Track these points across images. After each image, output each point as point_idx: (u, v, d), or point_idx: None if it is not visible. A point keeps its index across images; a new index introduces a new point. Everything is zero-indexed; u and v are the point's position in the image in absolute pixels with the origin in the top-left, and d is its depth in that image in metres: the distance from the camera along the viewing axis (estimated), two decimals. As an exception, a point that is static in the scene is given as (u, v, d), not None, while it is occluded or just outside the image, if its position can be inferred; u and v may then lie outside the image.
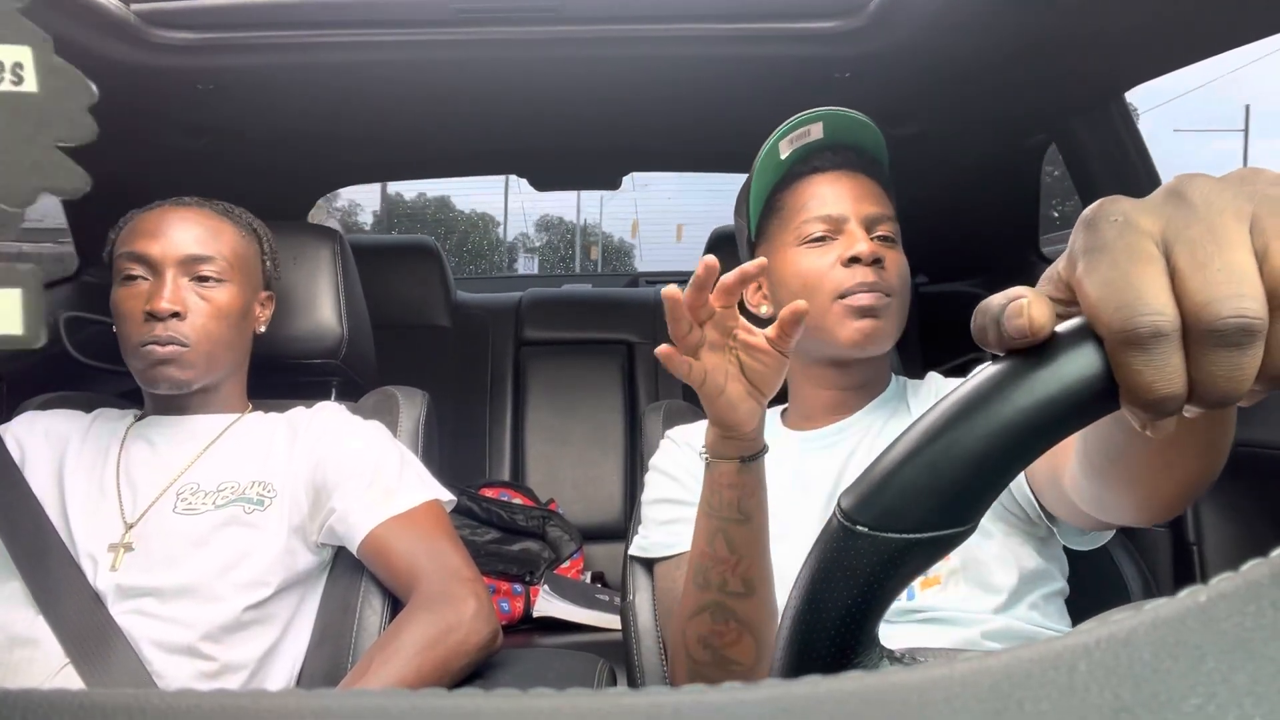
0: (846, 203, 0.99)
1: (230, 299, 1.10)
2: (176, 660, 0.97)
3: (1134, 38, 1.11)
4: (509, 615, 1.71)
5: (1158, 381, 0.30)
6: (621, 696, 0.16)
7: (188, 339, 1.06)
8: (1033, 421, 0.33)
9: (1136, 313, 0.30)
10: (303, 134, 1.62)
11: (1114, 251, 0.31)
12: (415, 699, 0.17)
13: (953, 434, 0.34)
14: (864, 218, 0.98)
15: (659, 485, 1.05)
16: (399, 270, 2.18)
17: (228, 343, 1.11)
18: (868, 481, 0.37)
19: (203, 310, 1.07)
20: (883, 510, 0.36)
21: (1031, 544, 0.92)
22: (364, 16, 1.18)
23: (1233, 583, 0.17)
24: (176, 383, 1.07)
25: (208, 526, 1.03)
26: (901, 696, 0.16)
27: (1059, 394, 0.32)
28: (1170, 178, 0.33)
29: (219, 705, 0.17)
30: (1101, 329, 0.31)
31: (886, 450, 0.37)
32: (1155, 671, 0.15)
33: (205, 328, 1.07)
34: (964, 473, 0.34)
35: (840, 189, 0.99)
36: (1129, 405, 0.32)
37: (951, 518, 0.35)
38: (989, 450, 0.33)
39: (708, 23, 1.18)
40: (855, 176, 1.01)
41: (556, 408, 2.12)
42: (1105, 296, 0.31)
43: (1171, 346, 0.30)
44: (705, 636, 0.82)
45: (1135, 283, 0.30)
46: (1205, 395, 0.30)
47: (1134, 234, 0.31)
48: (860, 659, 0.39)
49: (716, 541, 0.80)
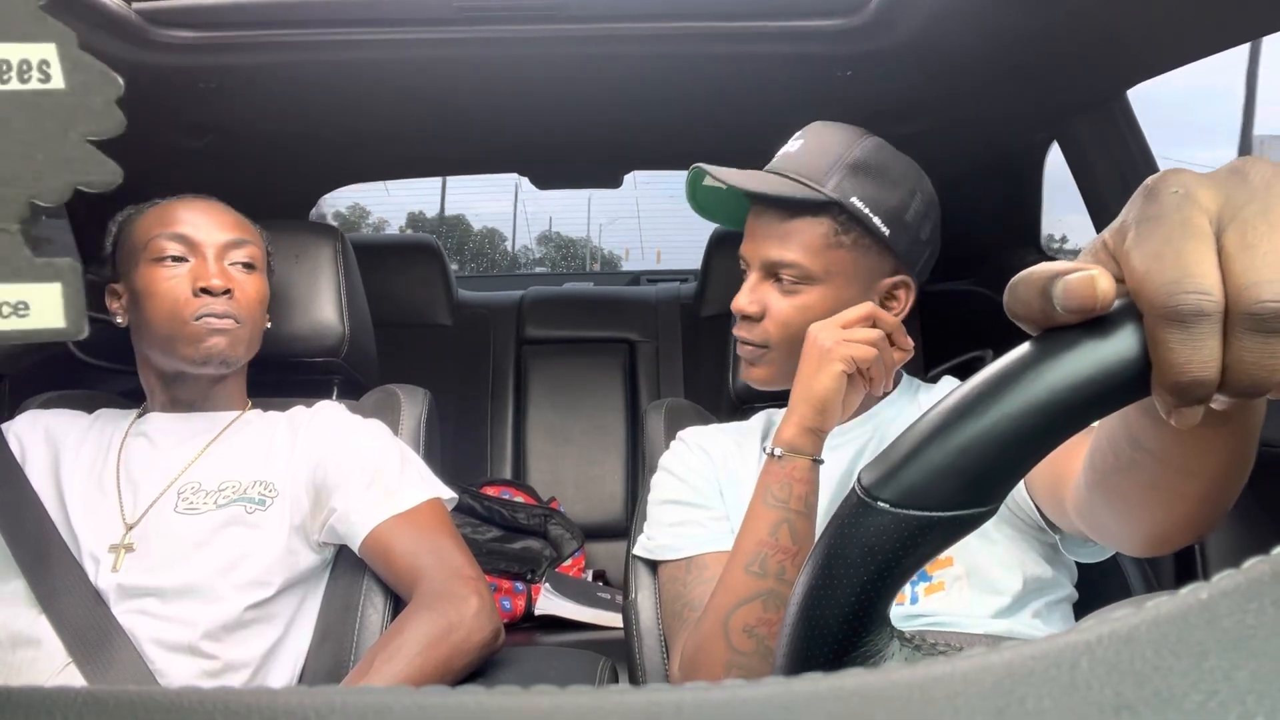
0: (747, 245, 0.98)
1: (261, 287, 1.13)
2: (178, 659, 0.97)
3: (1136, 36, 1.11)
4: (510, 613, 1.71)
5: (1192, 362, 0.30)
6: (623, 694, 0.16)
7: (240, 316, 1.08)
8: (1065, 401, 0.32)
9: (1182, 289, 0.30)
10: (304, 132, 1.62)
11: (1168, 224, 0.31)
12: (417, 696, 0.17)
13: (983, 411, 0.33)
14: (764, 262, 0.97)
15: (668, 486, 1.05)
16: (401, 269, 2.18)
17: (255, 332, 1.13)
18: (891, 457, 0.36)
19: (248, 291, 1.10)
20: (906, 487, 0.35)
21: (1038, 550, 0.90)
22: (366, 15, 1.18)
23: (1234, 580, 0.17)
24: (227, 359, 1.08)
25: (209, 526, 1.02)
26: (903, 694, 0.16)
27: (1094, 374, 0.32)
28: None
29: (222, 703, 0.17)
30: (1144, 302, 0.31)
31: (911, 426, 0.36)
32: (1157, 669, 0.15)
33: (251, 309, 1.10)
34: (991, 452, 0.33)
35: (750, 231, 0.98)
36: (1159, 386, 0.31)
37: (975, 497, 0.35)
38: (1019, 430, 0.33)
39: (709, 21, 1.18)
40: (760, 216, 0.98)
41: (558, 406, 2.12)
42: (1153, 270, 0.31)
43: (1212, 328, 0.30)
44: (753, 626, 0.82)
45: (1184, 259, 0.30)
46: (1236, 382, 0.30)
47: (1191, 207, 0.31)
48: (871, 637, 0.38)
49: (780, 531, 0.82)
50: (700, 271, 2.16)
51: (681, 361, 2.16)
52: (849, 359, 0.84)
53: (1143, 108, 1.33)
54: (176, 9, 1.16)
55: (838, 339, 0.85)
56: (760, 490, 0.86)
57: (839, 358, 0.84)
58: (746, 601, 0.82)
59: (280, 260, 1.27)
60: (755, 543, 0.83)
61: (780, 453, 0.85)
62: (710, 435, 1.10)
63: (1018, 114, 1.43)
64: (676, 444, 1.10)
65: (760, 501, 0.85)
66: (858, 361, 0.84)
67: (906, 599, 0.91)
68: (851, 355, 0.84)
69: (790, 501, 0.83)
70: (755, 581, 0.82)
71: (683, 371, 2.14)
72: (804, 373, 0.86)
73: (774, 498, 0.84)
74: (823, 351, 0.85)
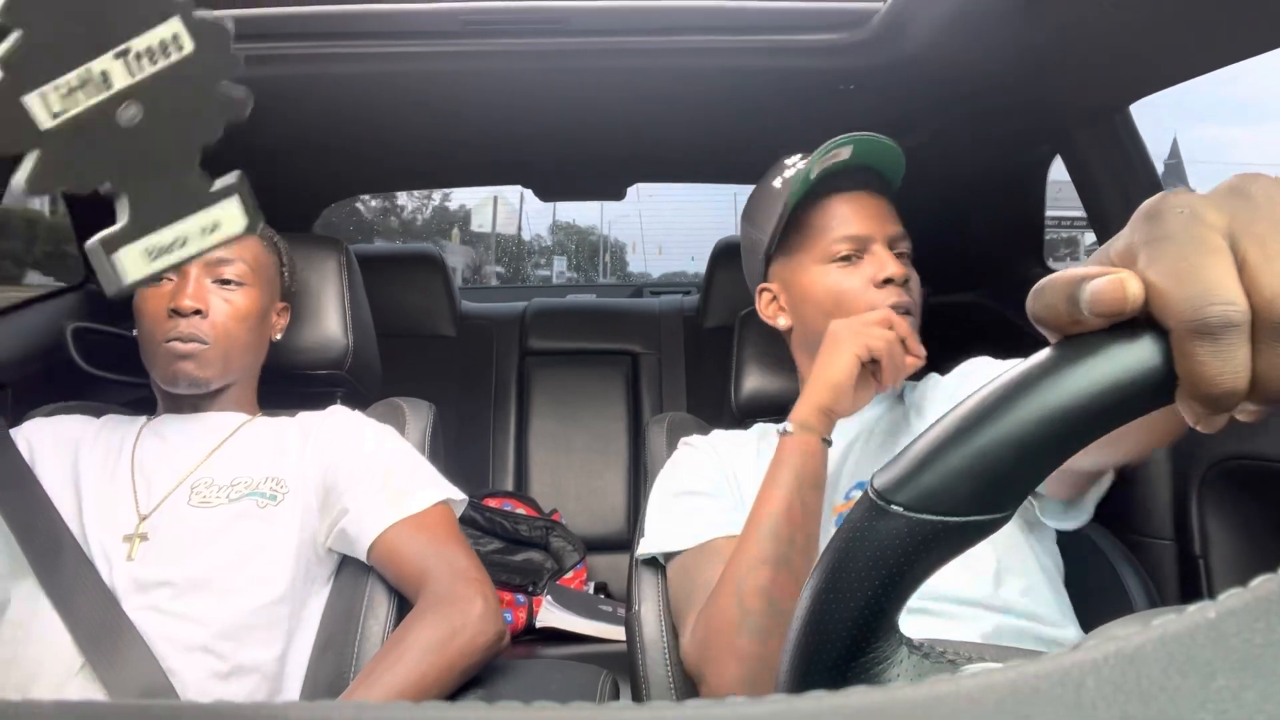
0: (871, 223, 1.04)
1: (250, 303, 1.13)
2: (191, 658, 0.98)
3: (1139, 50, 1.11)
4: (512, 626, 1.70)
5: (1224, 374, 0.30)
6: (624, 710, 0.16)
7: (208, 337, 1.08)
8: (1086, 409, 0.32)
9: (1208, 302, 0.30)
10: (310, 144, 1.63)
11: (1181, 243, 0.31)
12: (417, 711, 0.16)
13: (1002, 416, 0.33)
14: (887, 238, 1.05)
15: (678, 478, 1.08)
16: (404, 280, 2.18)
17: (245, 345, 1.13)
18: (906, 461, 0.36)
19: (224, 311, 1.10)
20: (920, 491, 0.35)
21: (1016, 523, 0.94)
22: (372, 28, 1.18)
23: (1242, 599, 0.17)
24: (195, 380, 1.09)
25: (222, 520, 1.04)
26: (908, 713, 0.16)
27: (1116, 383, 0.32)
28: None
29: (222, 717, 0.16)
30: (1170, 318, 0.31)
31: (927, 430, 0.36)
32: (1164, 689, 0.15)
33: (225, 327, 1.10)
34: (1010, 457, 0.33)
35: (862, 209, 1.05)
36: (1187, 398, 0.31)
37: (990, 503, 0.34)
38: (1038, 436, 0.32)
39: (713, 35, 1.19)
40: (875, 197, 1.07)
41: (560, 418, 2.12)
42: (1174, 287, 0.30)
43: (1241, 338, 0.30)
44: (765, 587, 0.86)
45: (1206, 273, 0.30)
46: (1267, 390, 0.30)
47: (1201, 226, 0.31)
48: (879, 644, 0.38)
49: (794, 503, 0.89)
50: (703, 283, 2.16)
51: (684, 373, 2.15)
52: (864, 346, 0.92)
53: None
54: (183, 21, 1.16)
55: (856, 330, 0.94)
56: (773, 468, 0.92)
57: (856, 345, 0.93)
58: (760, 565, 0.87)
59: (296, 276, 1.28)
60: (767, 514, 0.89)
61: (793, 429, 0.92)
62: (713, 437, 1.14)
63: (1020, 128, 1.43)
64: (683, 447, 1.13)
65: (772, 478, 0.91)
66: (873, 351, 0.92)
67: None
68: (867, 344, 0.92)
69: (804, 476, 0.90)
70: (769, 544, 0.88)
71: (685, 384, 2.14)
72: (822, 358, 0.95)
73: (792, 472, 0.90)
74: (841, 340, 0.94)
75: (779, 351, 1.22)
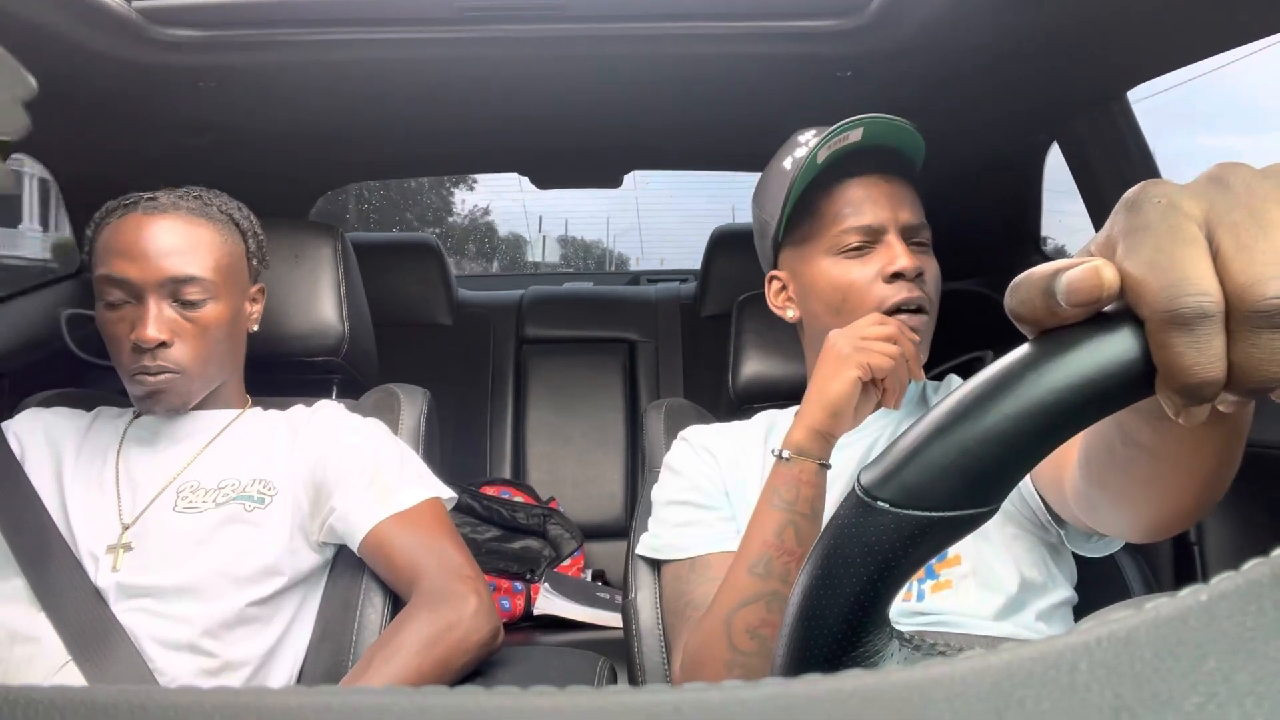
0: (884, 211, 0.97)
1: (218, 315, 1.06)
2: (178, 657, 0.97)
3: (1136, 36, 1.11)
4: (509, 613, 1.71)
5: (1200, 364, 0.30)
6: (622, 694, 0.16)
7: (180, 365, 1.03)
8: (1066, 402, 0.32)
9: (1182, 292, 0.30)
10: (305, 132, 1.62)
11: (1158, 233, 0.31)
12: (416, 697, 0.17)
13: (983, 412, 0.33)
14: (902, 226, 0.98)
15: (673, 486, 1.05)
16: (400, 268, 2.18)
17: (221, 355, 1.09)
18: (891, 457, 0.36)
19: (190, 333, 1.04)
20: (905, 487, 0.35)
21: (1042, 549, 0.91)
22: (367, 15, 1.18)
23: (1234, 582, 0.17)
24: (173, 408, 1.07)
25: (209, 525, 1.02)
26: (902, 695, 0.16)
27: (1095, 375, 0.32)
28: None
29: (221, 703, 0.17)
30: (1145, 309, 0.31)
31: (911, 426, 0.36)
32: (1156, 671, 0.15)
33: (195, 350, 1.04)
34: (992, 452, 0.33)
35: (877, 196, 0.98)
36: (1166, 389, 0.31)
37: (975, 497, 0.35)
38: (1020, 430, 0.33)
39: (709, 21, 1.18)
40: (891, 181, 0.99)
41: (558, 406, 2.12)
42: (1149, 277, 0.31)
43: (1215, 328, 0.30)
44: (755, 627, 0.81)
45: (1180, 264, 0.30)
46: (1244, 380, 0.30)
47: (1178, 216, 0.31)
48: (870, 637, 0.38)
49: (786, 534, 0.82)
50: (700, 271, 2.16)
51: (681, 361, 2.15)
52: (866, 366, 0.84)
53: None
54: (177, 7, 1.15)
55: (857, 345, 0.85)
56: (767, 492, 0.86)
57: (856, 363, 0.84)
58: (750, 602, 0.82)
59: (280, 260, 1.27)
60: (760, 544, 0.83)
61: (788, 455, 0.85)
62: (714, 436, 1.09)
63: (1018, 114, 1.43)
64: (681, 444, 1.09)
65: (766, 503, 0.85)
66: (874, 370, 0.84)
67: (913, 596, 0.91)
68: (869, 362, 0.84)
69: (797, 504, 0.83)
70: (759, 582, 0.82)
71: (682, 371, 2.14)
72: (820, 375, 0.86)
73: (780, 500, 0.84)
74: (841, 356, 0.85)
75: (778, 336, 1.21)
